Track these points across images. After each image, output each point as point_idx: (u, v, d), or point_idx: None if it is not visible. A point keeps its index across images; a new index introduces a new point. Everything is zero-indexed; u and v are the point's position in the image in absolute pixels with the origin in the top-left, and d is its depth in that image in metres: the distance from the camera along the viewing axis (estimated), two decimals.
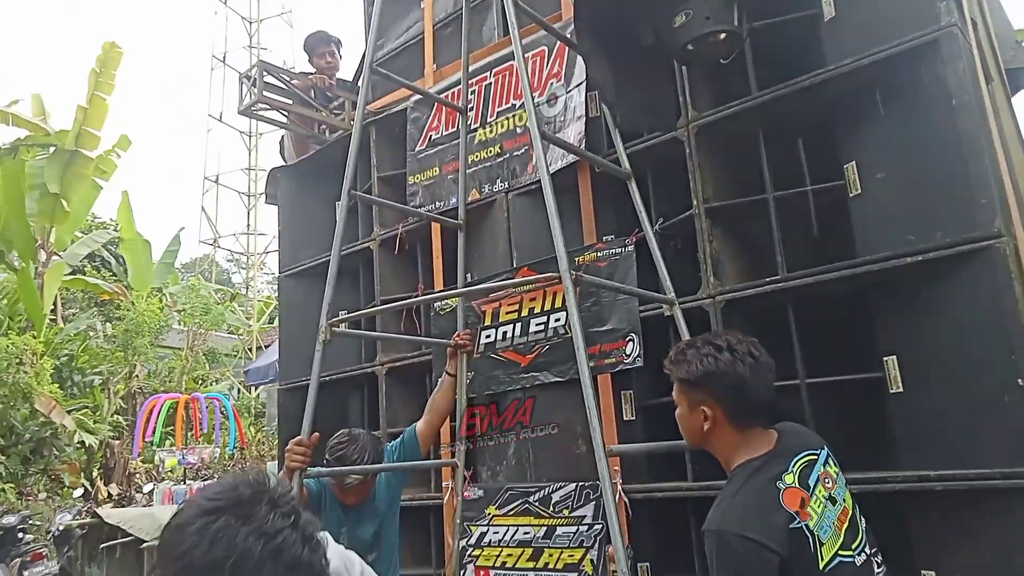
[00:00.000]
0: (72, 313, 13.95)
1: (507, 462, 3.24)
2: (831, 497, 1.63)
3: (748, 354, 1.69)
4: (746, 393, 1.67)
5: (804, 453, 1.67)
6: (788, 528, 1.53)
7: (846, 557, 1.58)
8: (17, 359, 10.52)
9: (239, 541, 1.04)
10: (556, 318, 3.05)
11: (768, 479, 1.61)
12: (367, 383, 3.99)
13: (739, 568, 1.53)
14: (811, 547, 1.54)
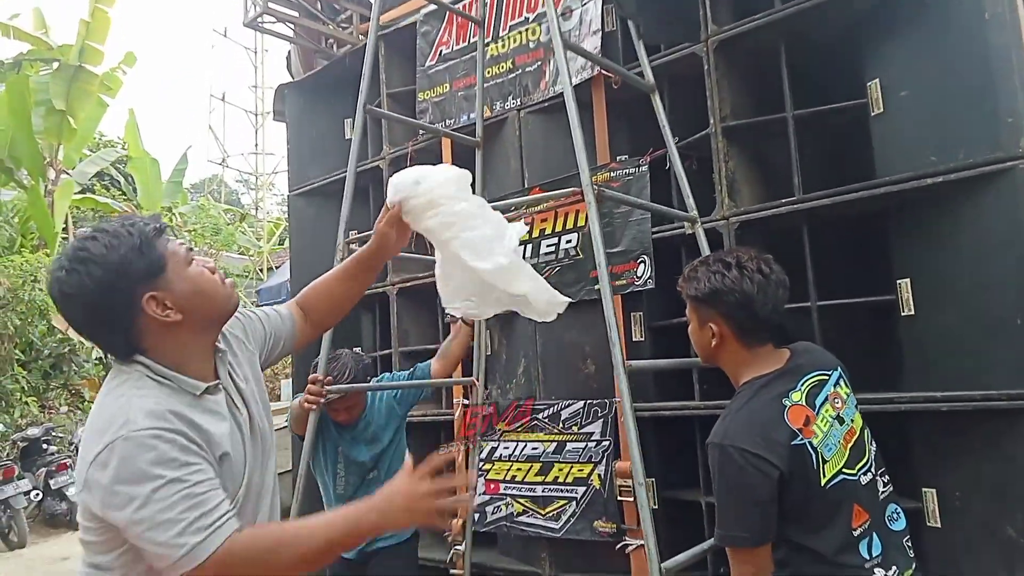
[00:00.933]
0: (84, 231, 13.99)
1: (517, 380, 3.29)
2: (839, 417, 1.64)
3: (758, 271, 1.66)
4: (752, 311, 1.66)
5: (815, 372, 1.67)
6: (790, 444, 1.55)
7: (850, 475, 1.60)
8: (32, 277, 10.63)
9: None
10: (567, 239, 3.04)
11: (774, 396, 1.62)
12: (379, 303, 4.03)
13: (739, 481, 1.55)
14: (813, 464, 1.56)
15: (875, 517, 1.62)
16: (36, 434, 9.27)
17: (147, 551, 1.21)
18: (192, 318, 1.33)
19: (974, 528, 2.20)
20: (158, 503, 1.18)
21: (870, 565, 1.56)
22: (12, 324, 10.58)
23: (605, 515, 2.85)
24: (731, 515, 1.57)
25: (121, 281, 1.27)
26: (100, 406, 1.28)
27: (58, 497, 8.74)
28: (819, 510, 1.56)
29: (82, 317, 1.30)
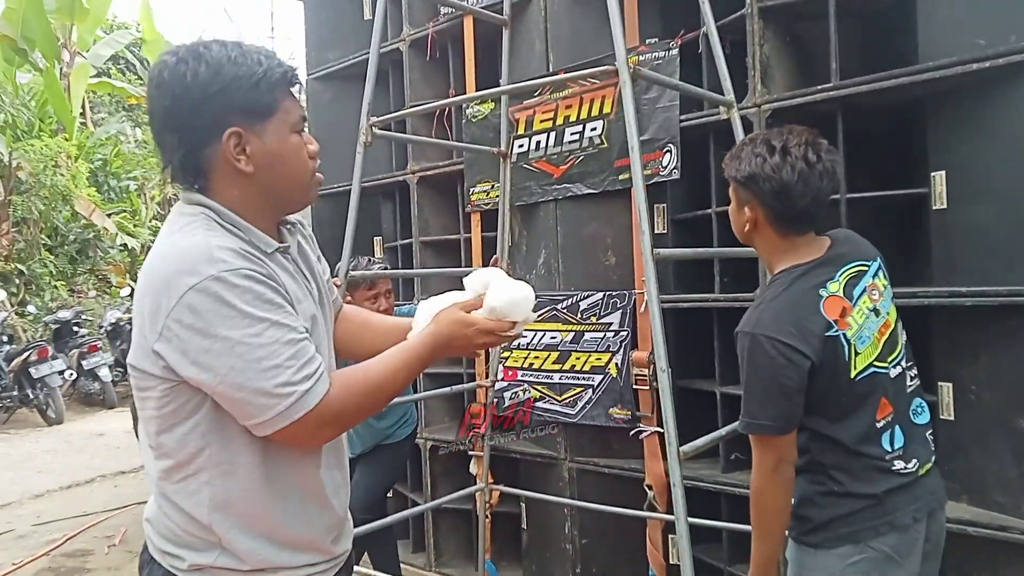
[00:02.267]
0: (101, 117, 13.90)
1: (536, 271, 3.29)
2: (875, 309, 1.61)
3: (803, 159, 1.57)
4: (790, 200, 1.58)
5: (855, 263, 1.63)
6: (824, 335, 1.53)
7: (880, 368, 1.59)
8: (52, 161, 10.65)
9: None
10: (592, 127, 2.96)
11: (811, 286, 1.58)
12: (399, 191, 4.00)
13: (769, 370, 1.54)
14: (845, 356, 1.55)
15: (900, 410, 1.61)
16: (67, 317, 9.54)
17: (241, 407, 1.09)
18: (262, 180, 1.19)
19: (987, 421, 2.22)
20: (261, 348, 1.06)
21: (891, 457, 1.58)
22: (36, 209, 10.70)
23: (621, 402, 2.92)
24: (757, 403, 1.56)
25: (219, 97, 1.14)
26: (170, 246, 1.13)
27: (91, 377, 9.09)
28: (845, 401, 1.56)
29: (163, 111, 1.17)
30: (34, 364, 8.23)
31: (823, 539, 1.59)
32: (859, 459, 1.57)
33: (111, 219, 11.64)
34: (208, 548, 1.19)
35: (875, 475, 1.57)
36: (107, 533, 4.64)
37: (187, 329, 1.06)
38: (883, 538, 1.55)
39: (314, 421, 1.10)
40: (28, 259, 10.67)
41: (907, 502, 1.57)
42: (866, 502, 1.56)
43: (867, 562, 1.54)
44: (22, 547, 4.48)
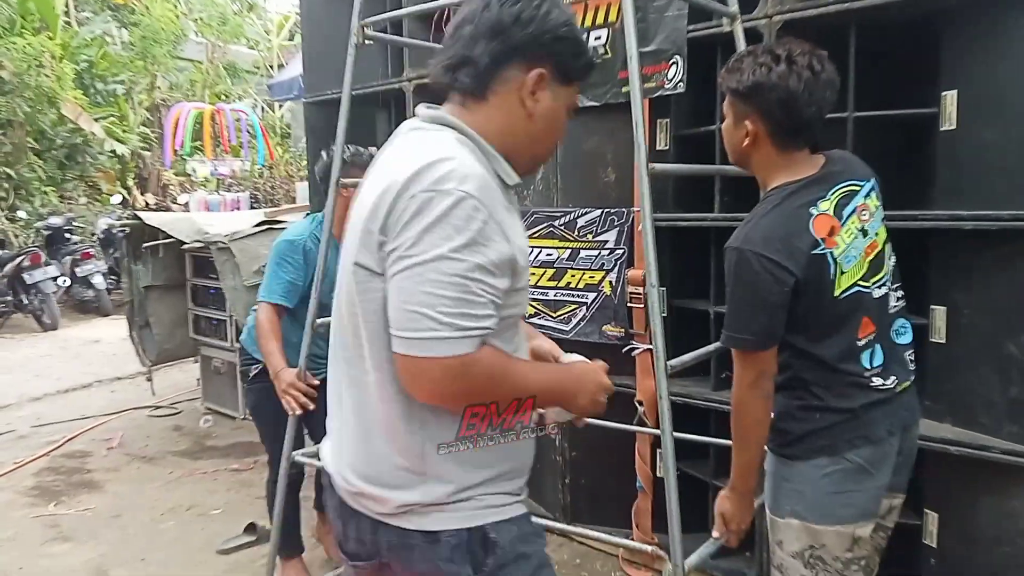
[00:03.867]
0: (85, 16, 13.37)
1: (535, 187, 3.24)
2: (863, 229, 1.62)
3: (808, 67, 1.55)
4: (795, 110, 1.56)
5: (847, 182, 1.62)
6: (810, 253, 1.54)
7: (864, 288, 1.61)
8: (36, 61, 10.30)
9: None
10: (596, 36, 2.85)
11: (801, 204, 1.58)
12: (394, 100, 3.89)
13: (754, 285, 1.55)
14: (830, 274, 1.56)
15: (882, 329, 1.64)
16: (58, 223, 9.46)
17: (401, 315, 1.08)
18: (527, 127, 1.23)
19: (978, 344, 2.24)
20: (459, 276, 1.06)
21: (869, 374, 1.61)
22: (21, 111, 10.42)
23: (614, 320, 2.93)
24: (740, 318, 1.59)
25: (551, 42, 1.21)
26: (422, 153, 1.14)
27: (85, 285, 9.08)
28: (828, 319, 1.59)
29: (499, 17, 1.19)
30: (27, 270, 8.21)
31: (801, 451, 1.64)
32: (838, 375, 1.60)
33: (99, 124, 11.38)
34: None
35: (853, 391, 1.61)
36: (105, 436, 4.74)
37: (415, 215, 1.08)
38: (858, 450, 1.60)
39: (456, 367, 1.08)
40: (16, 163, 10.46)
41: (882, 417, 1.62)
42: (843, 416, 1.60)
43: (841, 472, 1.60)
44: (23, 447, 4.57)
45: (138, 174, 12.83)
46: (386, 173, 1.16)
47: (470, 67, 1.20)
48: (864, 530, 1.63)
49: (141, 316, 5.07)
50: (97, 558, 3.17)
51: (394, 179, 1.11)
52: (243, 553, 3.16)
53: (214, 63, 14.37)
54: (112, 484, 3.98)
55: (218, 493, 3.82)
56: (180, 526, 3.46)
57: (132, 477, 4.06)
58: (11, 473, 4.15)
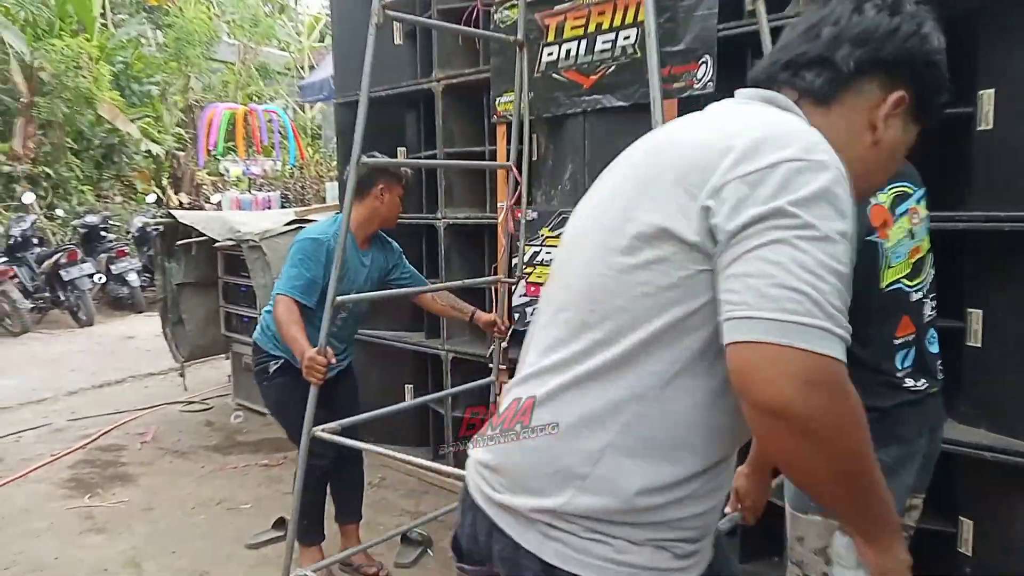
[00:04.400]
0: (121, 18, 13.63)
1: (562, 187, 3.24)
2: (912, 232, 1.64)
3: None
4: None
5: (904, 183, 1.64)
6: (864, 239, 1.55)
7: (906, 287, 1.63)
8: (74, 63, 10.53)
9: None
10: (625, 36, 2.84)
11: None
12: (423, 100, 3.91)
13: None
14: (878, 264, 1.59)
15: (919, 333, 1.66)
16: (94, 221, 9.64)
17: (772, 292, 0.82)
18: (866, 153, 1.04)
19: (1015, 348, 2.19)
20: (841, 264, 0.85)
21: (902, 374, 1.63)
22: (60, 112, 10.65)
23: None
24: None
25: (927, 68, 1.06)
26: (770, 115, 0.99)
27: (120, 282, 9.25)
28: (871, 312, 1.58)
29: (884, 29, 1.04)
30: (64, 267, 8.39)
31: None
32: (873, 375, 1.61)
33: (134, 124, 11.59)
34: None
35: (885, 390, 1.62)
36: (138, 430, 4.83)
37: (772, 187, 0.85)
38: (887, 449, 1.57)
39: (820, 373, 0.84)
40: (55, 162, 10.71)
41: (912, 417, 1.63)
42: (873, 415, 1.53)
43: None
44: (59, 440, 4.68)
45: (172, 173, 13.06)
46: (708, 135, 0.96)
47: (827, 69, 1.04)
48: None
49: (174, 313, 5.16)
50: (130, 550, 3.23)
51: (732, 142, 0.90)
52: (272, 548, 3.20)
53: (246, 64, 14.57)
54: (145, 477, 4.05)
55: (248, 488, 3.87)
56: (210, 520, 3.51)
57: (164, 471, 4.13)
58: (48, 465, 4.24)
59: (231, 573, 3.02)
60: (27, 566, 3.09)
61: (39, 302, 8.57)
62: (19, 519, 3.51)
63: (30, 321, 8.26)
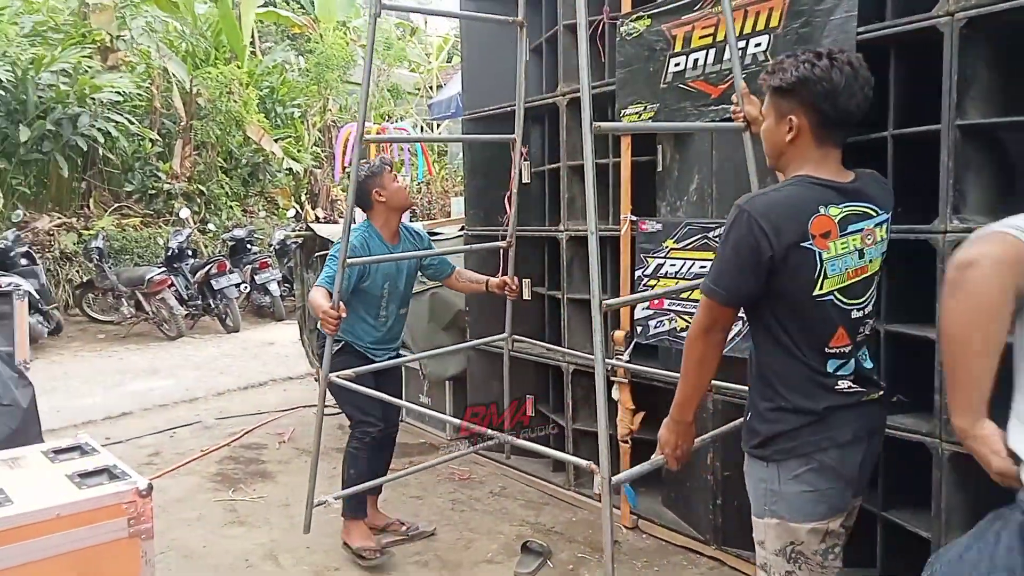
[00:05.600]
0: (267, 46, 14.64)
1: (688, 198, 3.19)
2: (861, 251, 1.73)
3: (848, 63, 1.69)
4: (837, 102, 1.68)
5: (866, 204, 1.74)
6: (795, 243, 1.65)
7: (841, 302, 1.72)
8: (227, 88, 11.42)
9: None
10: (756, 43, 2.77)
11: (815, 199, 1.69)
12: (547, 114, 3.96)
13: (738, 245, 1.68)
14: (813, 272, 1.67)
15: (855, 347, 1.76)
16: (241, 235, 10.36)
17: None
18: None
19: None
20: None
21: (836, 378, 1.74)
22: (213, 133, 11.55)
23: None
24: (719, 271, 1.73)
25: None
26: None
27: (262, 291, 9.88)
28: (806, 316, 1.71)
29: None
30: (214, 277, 9.07)
31: (771, 453, 1.77)
32: (804, 373, 1.73)
33: (278, 144, 12.39)
34: None
35: (819, 392, 1.72)
36: (278, 431, 5.13)
37: None
38: (825, 453, 1.73)
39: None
40: (207, 180, 11.63)
41: (848, 420, 1.74)
42: (808, 418, 1.73)
43: (811, 473, 1.73)
44: (208, 437, 5.04)
45: (310, 190, 13.85)
46: None
47: None
48: (835, 524, 1.77)
49: (311, 321, 5.45)
50: (268, 542, 3.43)
51: None
52: (397, 548, 3.31)
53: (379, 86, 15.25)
54: (283, 475, 4.30)
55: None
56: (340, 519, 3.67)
57: (300, 469, 4.36)
58: (198, 460, 4.59)
59: (359, 572, 3.14)
60: (180, 551, 3.35)
61: (192, 309, 9.30)
62: (173, 508, 3.81)
63: (184, 326, 8.97)
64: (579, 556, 3.23)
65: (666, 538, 3.34)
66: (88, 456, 2.42)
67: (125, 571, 2.11)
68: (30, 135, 9.54)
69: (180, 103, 11.27)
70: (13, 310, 4.06)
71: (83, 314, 9.44)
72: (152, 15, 11.54)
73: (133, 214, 10.91)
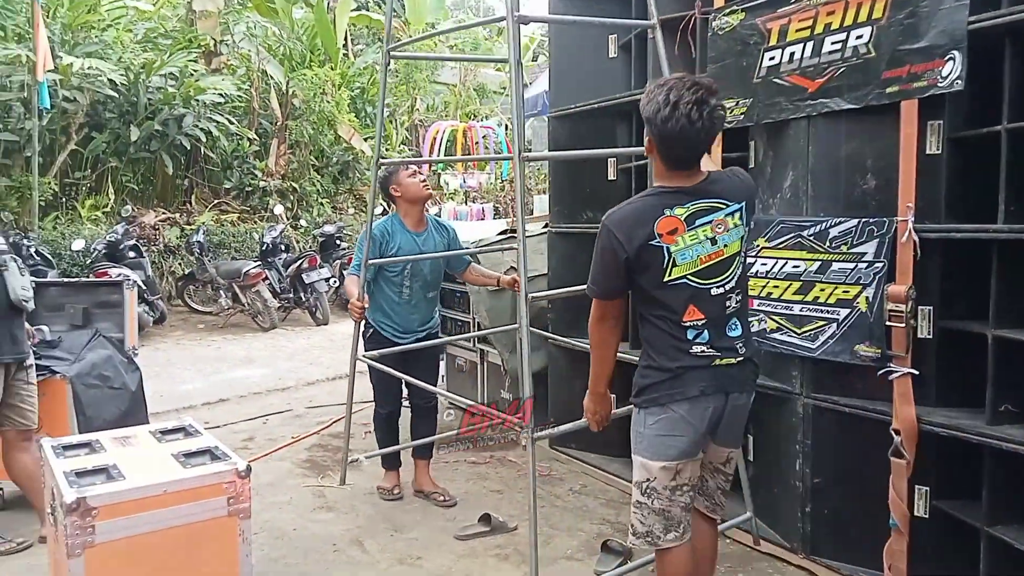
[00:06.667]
0: (359, 48, 15.04)
1: (782, 195, 3.10)
2: (713, 238, 2.09)
3: (686, 116, 1.95)
4: (670, 147, 2.05)
5: (713, 199, 2.09)
6: (645, 243, 2.06)
7: (695, 282, 2.10)
8: (320, 89, 11.80)
9: None
10: (858, 35, 2.66)
11: (661, 204, 2.08)
12: (635, 112, 3.91)
13: (601, 252, 2.14)
14: (663, 263, 2.08)
15: (711, 319, 2.13)
16: (331, 231, 10.69)
17: None
18: None
19: None
20: None
21: (690, 344, 2.12)
22: (307, 133, 11.96)
23: (870, 339, 2.70)
24: (593, 273, 2.19)
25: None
26: None
27: None
28: (662, 297, 2.12)
29: None
30: (306, 271, 9.39)
31: (640, 401, 2.21)
32: (668, 340, 2.14)
33: (367, 143, 12.73)
34: None
35: (677, 354, 2.13)
36: (363, 421, 5.24)
37: None
38: (678, 404, 2.13)
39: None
40: (300, 178, 12.05)
41: (698, 379, 2.12)
42: (667, 375, 2.14)
43: (666, 420, 2.15)
44: (298, 425, 5.23)
45: None
46: None
47: None
48: (684, 466, 2.18)
49: None
50: (354, 528, 3.54)
51: None
52: (478, 541, 3.35)
53: (466, 85, 15.45)
54: (369, 464, 4.40)
55: (457, 482, 4.08)
56: (423, 508, 3.75)
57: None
58: (289, 447, 4.77)
59: (442, 561, 3.20)
60: (272, 533, 3.49)
61: (284, 302, 9.65)
62: (266, 492, 3.97)
63: (277, 318, 9.33)
64: None
65: (751, 544, 3.25)
66: (192, 438, 2.56)
67: (224, 548, 2.21)
68: (140, 135, 10.12)
69: (276, 104, 11.72)
70: (124, 299, 4.33)
71: (184, 305, 9.94)
72: (253, 20, 12.05)
73: (231, 210, 11.41)
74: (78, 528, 2.01)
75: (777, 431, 3.14)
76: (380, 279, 3.73)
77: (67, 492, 2.03)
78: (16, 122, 9.23)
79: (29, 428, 3.36)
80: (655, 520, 2.19)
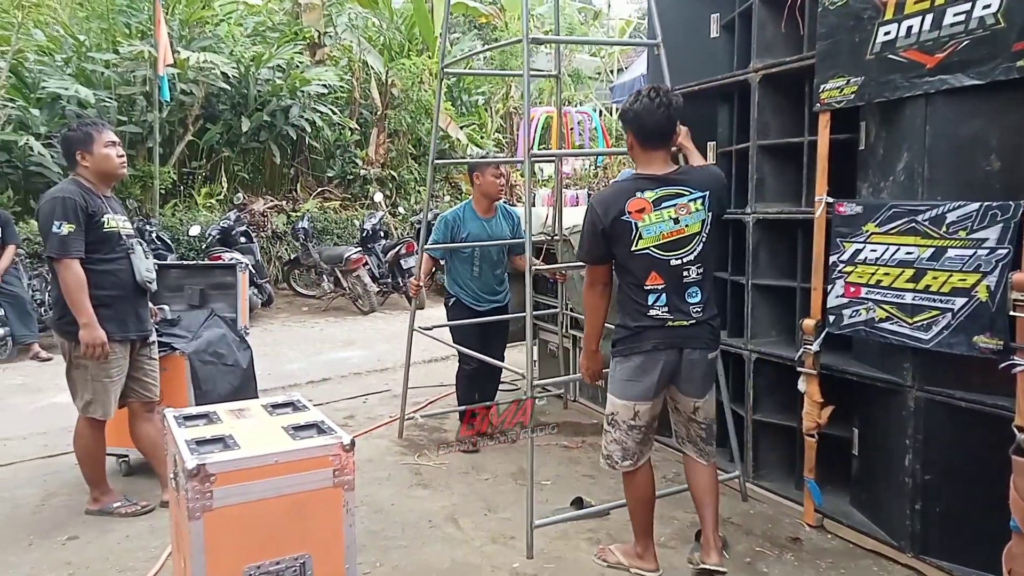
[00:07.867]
0: (455, 37, 15.21)
1: (895, 178, 2.94)
2: (676, 219, 2.62)
3: (647, 97, 2.61)
4: (640, 123, 2.64)
5: (679, 187, 2.63)
6: (617, 217, 2.61)
7: (657, 254, 2.62)
8: (418, 78, 12.02)
9: None
10: (984, 4, 2.49)
11: (634, 187, 2.64)
12: (738, 92, 3.81)
13: (587, 224, 2.71)
14: (631, 235, 2.61)
15: (670, 285, 2.64)
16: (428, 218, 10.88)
17: None
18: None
19: None
20: None
21: (649, 307, 2.66)
22: (405, 121, 12.21)
23: (991, 330, 2.54)
24: (581, 242, 2.76)
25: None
26: None
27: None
28: (630, 264, 2.65)
29: None
30: (403, 257, 9.63)
31: (615, 352, 2.75)
32: (633, 304, 2.68)
33: (463, 131, 12.89)
34: None
35: (638, 316, 2.68)
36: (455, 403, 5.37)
37: None
38: (636, 356, 2.69)
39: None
40: (398, 166, 12.34)
41: (653, 336, 2.65)
42: (630, 331, 2.69)
43: (629, 367, 2.71)
44: (396, 404, 5.36)
45: None
46: None
47: None
48: (642, 408, 2.73)
49: None
50: (449, 506, 3.63)
51: None
52: (570, 524, 3.37)
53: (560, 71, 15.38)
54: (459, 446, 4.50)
55: (549, 465, 4.11)
56: (516, 490, 3.80)
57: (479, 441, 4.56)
58: (387, 425, 4.92)
59: (535, 539, 3.24)
60: (371, 507, 3.63)
61: (383, 286, 9.94)
62: (365, 468, 4.12)
63: (376, 302, 9.62)
64: (756, 550, 3.12)
65: (854, 540, 3.14)
66: (300, 412, 2.68)
67: (329, 517, 2.32)
68: (250, 126, 10.61)
69: (376, 93, 12.02)
70: (237, 281, 4.57)
71: (290, 288, 10.39)
72: (354, 12, 12.38)
73: (333, 197, 11.82)
74: (198, 493, 2.14)
75: (886, 425, 3.01)
76: (455, 259, 4.50)
77: (188, 459, 2.17)
78: (139, 115, 9.86)
79: (152, 400, 3.62)
80: (615, 448, 2.79)
